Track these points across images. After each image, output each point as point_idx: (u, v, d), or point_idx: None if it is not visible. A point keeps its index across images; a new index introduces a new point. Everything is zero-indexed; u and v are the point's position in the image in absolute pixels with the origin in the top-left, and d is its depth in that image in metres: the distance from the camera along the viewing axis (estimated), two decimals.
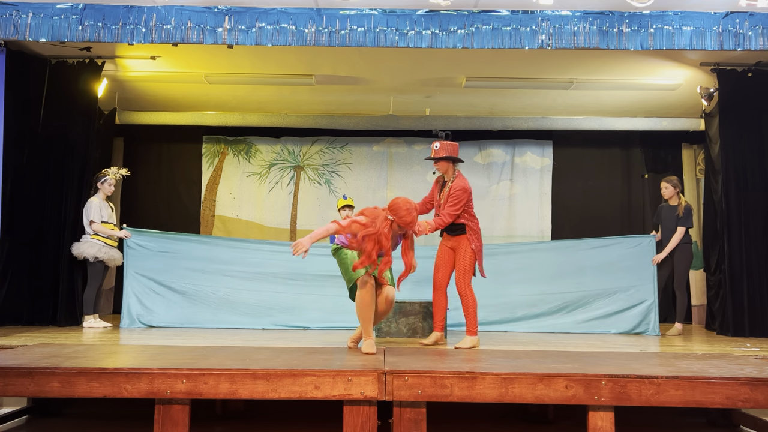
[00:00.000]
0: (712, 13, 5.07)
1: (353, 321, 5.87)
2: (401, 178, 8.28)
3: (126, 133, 7.96)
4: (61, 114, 6.09)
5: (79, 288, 5.94)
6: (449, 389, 2.93)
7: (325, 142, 8.27)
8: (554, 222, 8.17)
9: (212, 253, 5.96)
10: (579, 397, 2.93)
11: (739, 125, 6.10)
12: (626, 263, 5.94)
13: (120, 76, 6.66)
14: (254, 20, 5.08)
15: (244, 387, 2.93)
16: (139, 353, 3.67)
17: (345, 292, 4.96)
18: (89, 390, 2.93)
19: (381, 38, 5.07)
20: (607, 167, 8.28)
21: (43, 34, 5.03)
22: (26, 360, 3.17)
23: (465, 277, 4.57)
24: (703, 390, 2.92)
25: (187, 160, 8.28)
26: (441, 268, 4.71)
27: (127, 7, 5.06)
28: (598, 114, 7.82)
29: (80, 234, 5.88)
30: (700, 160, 7.99)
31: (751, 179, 6.06)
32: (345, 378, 2.92)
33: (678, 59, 6.08)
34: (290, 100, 7.59)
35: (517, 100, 7.50)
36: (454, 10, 5.09)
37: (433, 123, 7.79)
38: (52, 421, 3.75)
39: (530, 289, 5.91)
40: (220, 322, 5.83)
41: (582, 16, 5.08)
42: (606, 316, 5.92)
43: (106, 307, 7.37)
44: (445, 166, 4.63)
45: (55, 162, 6.05)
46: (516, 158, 8.28)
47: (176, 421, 2.95)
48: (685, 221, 5.93)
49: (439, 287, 4.70)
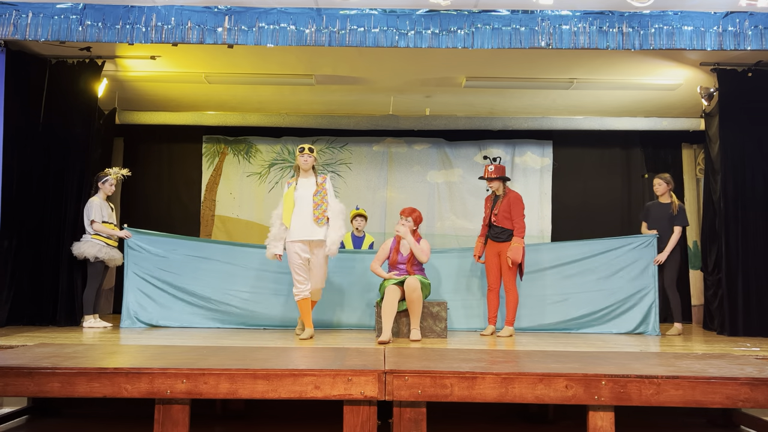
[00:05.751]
0: (712, 13, 5.07)
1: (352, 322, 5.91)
2: (401, 178, 8.28)
3: (126, 132, 7.96)
4: (61, 114, 6.09)
5: (79, 288, 5.94)
6: (449, 389, 2.92)
7: (325, 142, 8.28)
8: (554, 222, 8.17)
9: (212, 254, 5.95)
10: (579, 397, 2.93)
11: (739, 125, 6.10)
12: (627, 263, 5.93)
13: (120, 76, 6.66)
14: (254, 20, 5.08)
15: (244, 387, 2.93)
16: (139, 353, 3.67)
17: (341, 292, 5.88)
18: (89, 390, 2.93)
19: (381, 38, 5.07)
20: (607, 167, 8.28)
21: (43, 34, 5.03)
22: (26, 360, 3.17)
23: (511, 277, 5.40)
24: (703, 390, 2.92)
25: (187, 160, 8.28)
26: (491, 272, 5.53)
27: (127, 7, 5.06)
28: (598, 114, 7.82)
29: (80, 234, 5.87)
30: (700, 160, 8.00)
31: (751, 179, 6.06)
32: (345, 378, 2.92)
33: (678, 59, 6.08)
34: (290, 100, 7.59)
35: (517, 100, 7.50)
36: (454, 10, 5.09)
37: (433, 123, 7.80)
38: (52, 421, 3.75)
39: (531, 289, 5.91)
40: (220, 322, 5.83)
41: (582, 16, 5.08)
42: (606, 316, 5.92)
43: (106, 307, 7.37)
44: (497, 184, 5.55)
45: (55, 162, 6.05)
46: (516, 158, 8.28)
47: (176, 421, 2.95)
48: (681, 220, 5.92)
49: (492, 288, 5.54)
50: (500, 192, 5.56)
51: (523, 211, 5.47)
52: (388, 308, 4.94)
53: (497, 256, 5.49)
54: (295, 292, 4.99)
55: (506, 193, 5.54)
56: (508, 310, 5.45)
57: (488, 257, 5.56)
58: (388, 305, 4.94)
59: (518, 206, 5.45)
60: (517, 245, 5.34)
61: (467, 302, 5.97)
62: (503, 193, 5.54)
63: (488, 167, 5.56)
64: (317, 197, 4.92)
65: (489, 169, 5.55)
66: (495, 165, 5.58)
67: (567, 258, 6.02)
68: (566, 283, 5.98)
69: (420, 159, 8.31)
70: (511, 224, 5.43)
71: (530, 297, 5.91)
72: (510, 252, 5.32)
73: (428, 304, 5.23)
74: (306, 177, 5.02)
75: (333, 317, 5.87)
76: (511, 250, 5.33)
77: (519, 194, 5.58)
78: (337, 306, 5.89)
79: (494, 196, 5.62)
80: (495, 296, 5.54)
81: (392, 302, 4.96)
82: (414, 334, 5.00)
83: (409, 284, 5.00)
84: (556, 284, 5.98)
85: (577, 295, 5.95)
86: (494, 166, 5.56)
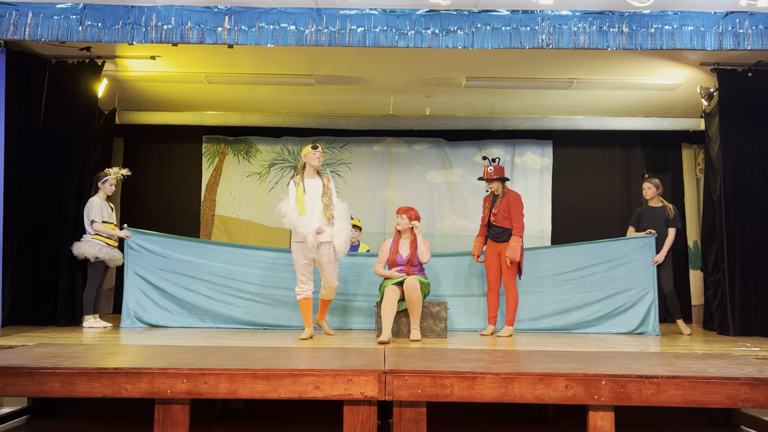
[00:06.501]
0: (712, 13, 5.07)
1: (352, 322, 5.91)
2: (401, 178, 8.28)
3: (126, 132, 7.96)
4: (61, 114, 6.09)
5: (79, 288, 5.94)
6: (449, 389, 2.92)
7: (325, 141, 8.27)
8: (554, 222, 8.17)
9: (213, 255, 5.95)
10: (579, 397, 2.93)
11: (739, 125, 6.09)
12: (627, 263, 5.93)
13: (120, 76, 6.66)
14: (254, 20, 5.08)
15: (244, 387, 2.93)
16: (139, 353, 3.67)
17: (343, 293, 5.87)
18: (89, 390, 2.93)
19: (381, 38, 5.07)
20: (607, 167, 8.28)
21: (43, 34, 5.02)
22: (26, 360, 3.17)
23: (511, 277, 5.42)
24: (703, 390, 2.92)
25: (187, 160, 8.29)
26: (491, 272, 5.54)
27: (127, 7, 5.05)
28: (598, 114, 7.82)
29: (80, 234, 5.87)
30: (700, 160, 7.99)
31: (751, 179, 6.06)
32: (345, 378, 2.92)
33: (678, 59, 6.08)
34: (290, 100, 7.59)
35: (517, 100, 7.50)
36: (454, 10, 5.09)
37: (433, 123, 7.79)
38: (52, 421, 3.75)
39: (531, 289, 5.90)
40: (221, 322, 5.83)
41: (582, 16, 5.08)
42: (606, 316, 5.92)
43: (106, 307, 7.37)
44: (497, 185, 5.57)
45: (55, 162, 6.04)
46: (516, 158, 8.28)
47: (176, 421, 2.95)
48: (675, 222, 5.99)
49: (492, 288, 5.56)
50: (499, 192, 5.58)
51: (522, 210, 5.49)
52: (387, 308, 4.94)
53: (497, 256, 5.50)
54: (298, 291, 5.01)
55: (505, 192, 5.57)
56: (508, 310, 5.46)
57: (488, 257, 5.57)
58: (388, 305, 4.95)
59: (517, 206, 5.47)
60: (516, 244, 5.35)
61: (467, 302, 5.97)
62: (502, 193, 5.57)
63: (487, 168, 5.59)
64: (325, 198, 4.97)
65: (488, 169, 5.57)
66: (494, 165, 5.60)
67: (567, 258, 6.02)
68: (566, 284, 5.98)
69: (420, 159, 8.31)
70: (510, 224, 5.44)
71: (530, 297, 5.91)
72: (508, 251, 5.34)
73: (428, 304, 5.24)
74: (311, 178, 5.03)
75: (333, 317, 5.86)
76: (509, 249, 5.34)
77: (518, 194, 5.60)
78: (337, 306, 5.88)
79: (493, 196, 5.64)
80: (495, 296, 5.55)
81: (392, 302, 4.97)
82: (414, 334, 5.00)
83: (409, 284, 5.01)
84: (556, 284, 5.98)
85: (576, 296, 5.96)
86: (493, 166, 5.59)
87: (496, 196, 5.60)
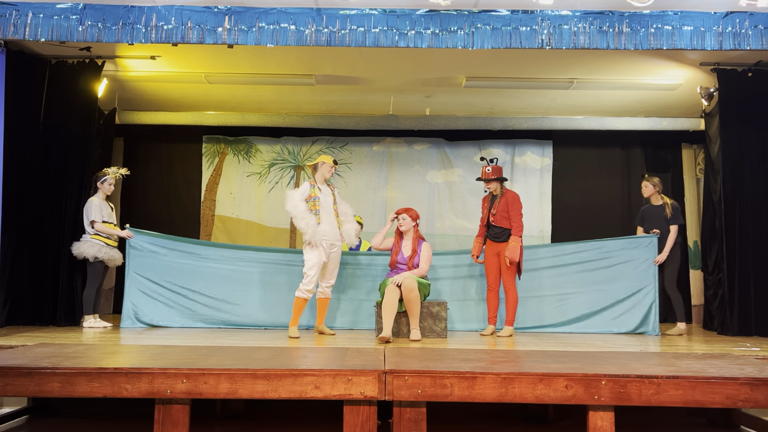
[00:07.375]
0: (712, 13, 5.07)
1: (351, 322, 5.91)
2: (401, 178, 8.28)
3: (126, 132, 7.95)
4: (61, 114, 6.09)
5: (78, 288, 5.94)
6: (449, 389, 2.93)
7: (325, 141, 8.27)
8: (554, 222, 8.17)
9: (213, 255, 5.95)
10: (579, 397, 2.93)
11: (739, 125, 6.09)
12: (627, 263, 5.92)
13: (120, 76, 6.66)
14: (254, 20, 5.08)
15: (244, 387, 2.93)
16: (139, 353, 3.67)
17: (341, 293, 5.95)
18: (89, 390, 2.93)
19: (381, 38, 5.07)
20: (607, 167, 8.27)
21: (43, 34, 5.03)
22: (26, 360, 3.17)
23: (511, 277, 5.42)
24: (703, 390, 2.92)
25: (187, 160, 8.28)
26: (491, 272, 5.55)
27: (127, 7, 5.06)
28: (598, 114, 7.82)
29: (80, 234, 5.87)
30: (700, 160, 7.99)
31: (751, 179, 6.06)
32: (345, 378, 2.92)
33: (678, 59, 6.08)
34: (290, 100, 7.59)
35: (517, 100, 7.50)
36: (454, 10, 5.09)
37: (433, 123, 7.79)
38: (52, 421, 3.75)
39: (531, 289, 5.90)
40: (221, 322, 5.83)
41: (582, 16, 5.08)
42: (606, 316, 5.91)
43: (106, 307, 7.37)
44: (495, 185, 5.58)
45: (55, 162, 6.04)
46: (516, 158, 8.28)
47: (176, 421, 2.95)
48: (676, 219, 5.93)
49: (492, 288, 5.56)
50: (498, 192, 5.59)
51: (520, 210, 5.49)
52: (388, 307, 4.96)
53: (497, 256, 5.50)
54: (302, 290, 5.11)
55: (503, 193, 5.58)
56: (508, 310, 5.47)
57: (488, 257, 5.57)
58: (388, 305, 4.96)
59: (516, 206, 5.48)
60: (515, 244, 5.34)
61: (467, 302, 5.97)
62: (500, 193, 5.58)
63: (485, 168, 5.59)
64: (335, 206, 5.32)
65: (486, 170, 5.58)
66: (492, 166, 5.60)
67: (567, 258, 6.02)
68: (566, 283, 5.97)
69: (420, 159, 8.31)
70: (509, 224, 5.45)
71: (530, 297, 5.90)
72: (508, 251, 5.34)
73: (428, 304, 5.24)
74: (321, 184, 5.32)
75: (333, 318, 5.87)
76: (508, 249, 5.34)
77: (516, 194, 5.60)
78: (338, 306, 5.89)
79: (491, 197, 5.65)
80: (495, 296, 5.55)
81: (392, 302, 4.98)
82: (414, 334, 5.01)
83: (406, 284, 5.04)
84: (556, 284, 5.98)
85: (577, 296, 5.95)
86: (491, 167, 5.59)
87: (494, 196, 5.61)
